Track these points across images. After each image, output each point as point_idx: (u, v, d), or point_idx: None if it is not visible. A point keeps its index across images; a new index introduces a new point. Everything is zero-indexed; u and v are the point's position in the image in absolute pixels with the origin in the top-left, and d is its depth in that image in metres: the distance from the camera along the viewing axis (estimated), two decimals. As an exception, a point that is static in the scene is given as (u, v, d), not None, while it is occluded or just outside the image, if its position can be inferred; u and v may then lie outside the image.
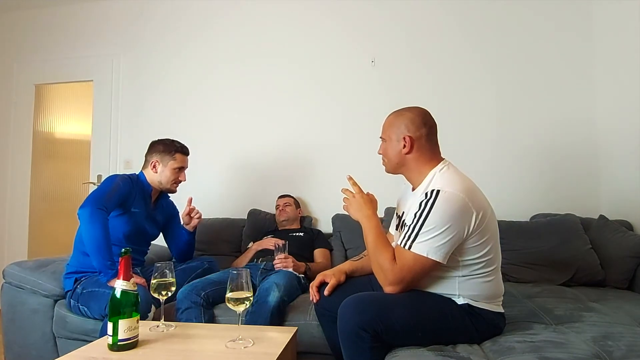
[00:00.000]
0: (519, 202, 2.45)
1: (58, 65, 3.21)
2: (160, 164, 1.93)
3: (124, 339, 1.17)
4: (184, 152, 1.99)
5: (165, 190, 1.99)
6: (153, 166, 1.93)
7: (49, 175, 3.44)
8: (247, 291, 1.21)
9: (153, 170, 1.93)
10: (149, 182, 1.95)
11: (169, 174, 1.93)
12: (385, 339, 1.20)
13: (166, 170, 1.93)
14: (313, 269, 2.05)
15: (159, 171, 1.93)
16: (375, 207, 1.39)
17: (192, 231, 2.08)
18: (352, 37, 2.74)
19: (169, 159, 1.94)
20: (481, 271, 1.24)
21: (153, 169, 1.93)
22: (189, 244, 2.11)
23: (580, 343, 1.19)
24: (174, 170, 1.94)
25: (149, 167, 1.94)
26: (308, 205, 2.74)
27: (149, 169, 1.94)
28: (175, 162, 1.94)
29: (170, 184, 1.95)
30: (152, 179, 1.94)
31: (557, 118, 2.48)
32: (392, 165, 1.39)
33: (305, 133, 2.77)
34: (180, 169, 1.96)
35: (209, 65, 2.94)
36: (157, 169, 1.93)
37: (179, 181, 1.98)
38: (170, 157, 1.94)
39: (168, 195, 2.08)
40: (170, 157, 1.94)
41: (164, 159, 1.93)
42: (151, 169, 1.93)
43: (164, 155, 1.93)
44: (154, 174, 1.93)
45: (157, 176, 1.93)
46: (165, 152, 1.94)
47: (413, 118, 1.35)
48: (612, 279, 1.98)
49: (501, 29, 2.58)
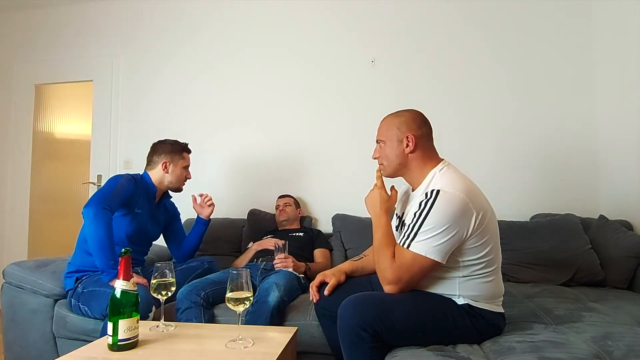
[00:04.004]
0: (519, 202, 2.45)
1: (58, 65, 3.21)
2: (171, 164, 1.98)
3: (124, 339, 1.17)
4: (189, 151, 2.08)
5: (174, 189, 2.03)
6: (164, 167, 1.96)
7: (49, 175, 3.44)
8: (247, 291, 1.21)
9: (165, 171, 1.97)
10: (156, 182, 1.97)
11: (179, 173, 2.00)
12: (385, 339, 1.20)
13: (177, 170, 1.99)
14: (313, 269, 2.05)
15: (170, 171, 1.97)
16: (388, 207, 1.38)
17: (207, 220, 2.16)
18: (352, 37, 2.74)
19: (179, 158, 2.00)
20: (481, 272, 1.24)
21: (165, 169, 1.97)
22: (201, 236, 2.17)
23: (580, 343, 1.19)
24: (184, 169, 2.02)
25: (158, 167, 1.97)
26: (308, 205, 2.74)
27: (158, 170, 1.97)
28: (184, 160, 2.03)
29: (181, 183, 2.02)
30: (162, 179, 1.98)
31: (557, 118, 2.48)
32: (392, 168, 1.38)
33: (305, 133, 2.77)
34: (187, 166, 2.04)
35: (209, 65, 2.93)
36: (168, 169, 1.97)
37: (187, 179, 2.05)
38: (179, 157, 2.01)
39: (170, 195, 2.11)
40: (180, 156, 2.01)
41: (174, 158, 1.99)
42: (162, 169, 1.97)
43: (174, 155, 1.99)
44: (164, 174, 1.97)
45: (169, 176, 1.98)
46: (174, 152, 2.00)
47: (413, 118, 1.36)
48: (612, 279, 1.98)
49: (501, 30, 2.57)
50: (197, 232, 2.16)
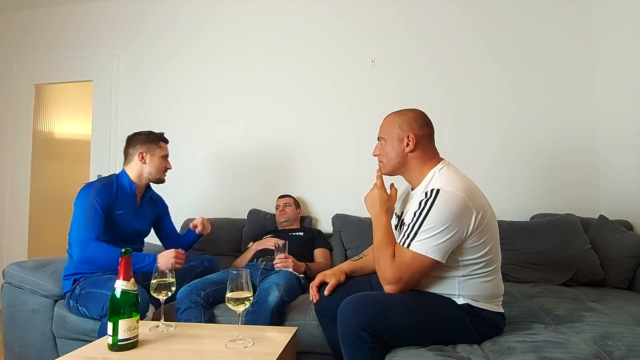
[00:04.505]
0: (519, 202, 2.45)
1: (58, 65, 3.21)
2: (148, 153, 1.92)
3: (124, 339, 1.17)
4: (166, 140, 2.01)
5: (155, 180, 1.97)
6: (141, 157, 1.91)
7: (49, 175, 3.44)
8: (247, 291, 1.21)
9: (142, 162, 1.91)
10: (135, 178, 1.92)
11: (157, 163, 1.94)
12: (385, 339, 1.20)
13: (155, 159, 1.93)
14: (313, 269, 2.04)
15: (147, 161, 1.92)
16: (389, 206, 1.38)
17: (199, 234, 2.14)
18: (352, 37, 2.74)
19: (156, 147, 1.94)
20: (481, 271, 1.24)
21: (142, 160, 1.91)
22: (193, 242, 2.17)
23: (580, 343, 1.19)
24: (162, 159, 1.95)
25: (135, 160, 1.91)
26: (308, 205, 2.74)
27: (135, 162, 1.92)
28: (162, 150, 1.96)
29: (161, 173, 1.96)
30: (140, 172, 1.92)
31: (558, 118, 2.48)
32: (392, 166, 1.38)
33: (305, 133, 2.77)
34: (166, 156, 1.98)
35: (209, 65, 2.93)
36: (146, 160, 1.91)
37: (167, 169, 1.99)
38: (156, 146, 1.94)
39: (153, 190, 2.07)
40: (156, 145, 1.95)
41: (150, 148, 1.93)
42: (139, 161, 1.91)
43: (150, 145, 1.93)
44: (142, 166, 1.91)
45: (147, 167, 1.92)
46: (149, 141, 1.94)
47: (416, 117, 1.36)
48: (612, 279, 1.97)
49: (501, 30, 2.57)
50: (188, 239, 2.16)
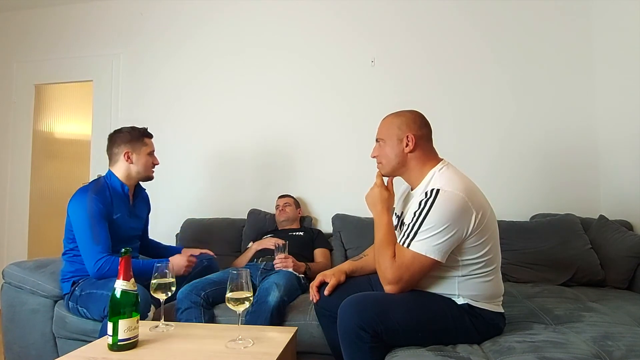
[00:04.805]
0: (519, 202, 2.45)
1: (58, 65, 3.21)
2: (134, 153, 1.85)
3: (124, 339, 1.17)
4: (150, 135, 1.93)
5: (144, 178, 1.91)
6: (127, 157, 1.84)
7: (49, 175, 3.44)
8: (247, 291, 1.21)
9: (128, 162, 1.84)
10: (123, 178, 1.85)
11: (145, 161, 1.87)
12: (385, 339, 1.20)
13: (142, 158, 1.86)
14: (313, 269, 2.04)
15: (134, 160, 1.85)
16: (388, 205, 1.38)
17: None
18: (352, 37, 2.74)
19: (141, 144, 1.87)
20: (481, 271, 1.24)
21: (127, 160, 1.84)
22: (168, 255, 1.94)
23: (580, 343, 1.19)
24: (148, 156, 1.89)
25: (120, 160, 1.84)
26: (308, 205, 2.74)
27: (121, 163, 1.85)
28: (147, 146, 1.89)
29: (149, 170, 1.90)
30: (128, 172, 1.85)
31: (557, 118, 2.48)
32: (391, 167, 1.38)
33: (305, 133, 2.77)
34: (152, 152, 1.91)
35: (209, 65, 2.93)
36: (132, 159, 1.84)
37: (155, 165, 1.92)
38: (141, 143, 1.87)
39: (143, 188, 2.03)
40: (141, 142, 1.87)
41: (135, 146, 1.85)
42: (125, 161, 1.84)
43: (134, 143, 1.85)
44: (129, 166, 1.84)
45: (134, 166, 1.85)
46: (133, 139, 1.86)
47: (414, 118, 1.36)
48: (612, 279, 1.97)
49: (501, 30, 2.57)
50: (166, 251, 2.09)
